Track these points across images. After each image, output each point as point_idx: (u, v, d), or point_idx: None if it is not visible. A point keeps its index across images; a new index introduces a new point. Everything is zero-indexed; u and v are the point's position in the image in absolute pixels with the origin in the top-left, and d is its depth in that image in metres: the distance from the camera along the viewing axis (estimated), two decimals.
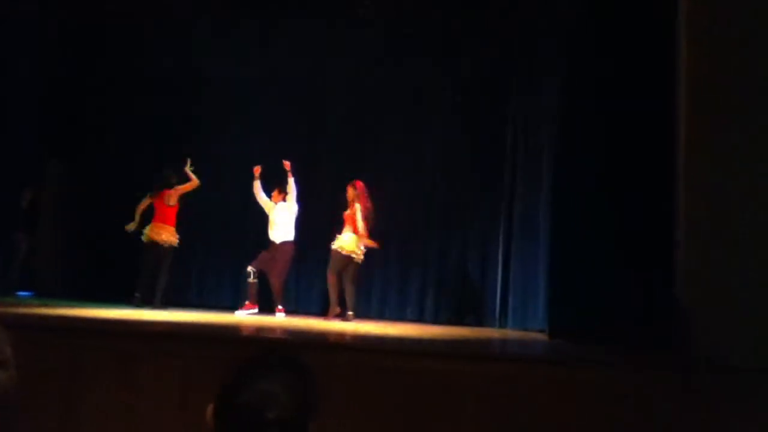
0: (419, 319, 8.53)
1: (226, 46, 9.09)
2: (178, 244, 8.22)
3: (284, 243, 8.10)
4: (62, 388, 3.95)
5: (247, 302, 7.97)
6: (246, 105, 9.19)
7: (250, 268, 7.97)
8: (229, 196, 8.94)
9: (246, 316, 7.75)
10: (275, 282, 8.04)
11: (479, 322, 8.33)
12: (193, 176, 8.22)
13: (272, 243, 8.12)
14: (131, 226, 8.06)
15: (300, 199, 8.19)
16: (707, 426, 3.91)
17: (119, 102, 9.11)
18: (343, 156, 9.02)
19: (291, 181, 8.03)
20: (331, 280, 7.82)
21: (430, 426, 3.91)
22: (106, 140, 9.08)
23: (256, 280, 7.99)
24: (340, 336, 6.02)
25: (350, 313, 7.70)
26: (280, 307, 8.02)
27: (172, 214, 8.18)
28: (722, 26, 4.97)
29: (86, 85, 9.19)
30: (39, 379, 3.69)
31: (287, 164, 7.98)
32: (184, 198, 8.27)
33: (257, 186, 8.20)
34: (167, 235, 8.10)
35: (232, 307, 8.15)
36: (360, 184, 7.94)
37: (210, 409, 1.53)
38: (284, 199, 8.13)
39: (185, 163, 8.23)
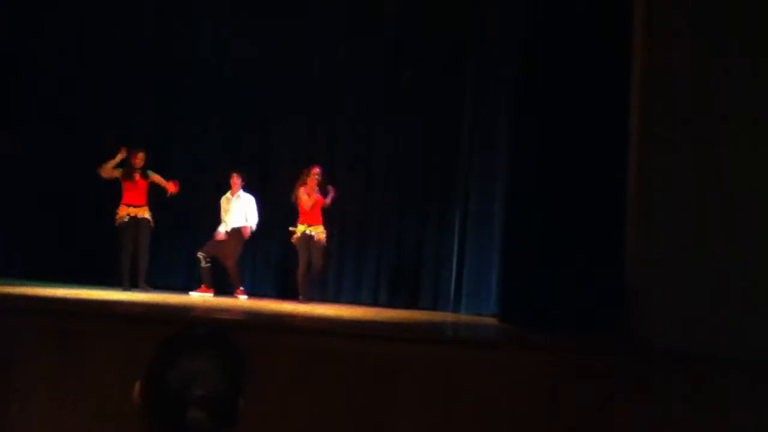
0: (374, 303, 8.52)
1: (180, 24, 9.02)
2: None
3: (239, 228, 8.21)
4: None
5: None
6: (198, 86, 9.03)
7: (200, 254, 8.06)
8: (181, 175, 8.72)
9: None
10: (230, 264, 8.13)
11: (434, 307, 8.35)
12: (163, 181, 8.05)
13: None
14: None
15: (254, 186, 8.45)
16: (653, 410, 3.97)
17: (70, 71, 8.90)
18: (297, 142, 8.94)
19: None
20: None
21: (376, 407, 3.91)
22: (55, 111, 8.84)
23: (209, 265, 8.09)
24: (293, 318, 6.00)
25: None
26: (241, 288, 8.13)
27: (144, 192, 8.02)
28: (677, 18, 5.02)
29: (35, 52, 8.92)
30: None
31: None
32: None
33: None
34: (145, 213, 7.95)
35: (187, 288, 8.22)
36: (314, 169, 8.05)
37: (137, 387, 1.49)
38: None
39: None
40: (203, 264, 8.03)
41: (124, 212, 7.87)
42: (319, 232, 7.98)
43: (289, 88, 9.03)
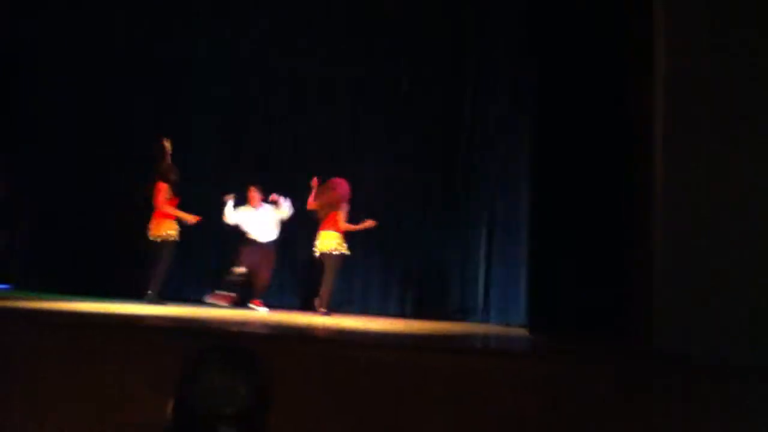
0: (402, 314, 8.46)
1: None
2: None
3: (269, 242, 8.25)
4: (27, 380, 3.90)
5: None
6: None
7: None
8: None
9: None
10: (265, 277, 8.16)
11: (462, 317, 8.26)
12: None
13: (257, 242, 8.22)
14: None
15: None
16: (672, 420, 3.91)
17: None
18: (323, 153, 8.88)
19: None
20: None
21: (403, 419, 3.89)
22: (78, 125, 8.90)
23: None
24: (321, 330, 5.99)
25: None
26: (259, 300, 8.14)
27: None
28: (700, 23, 4.97)
29: (50, 66, 8.99)
30: (3, 372, 3.66)
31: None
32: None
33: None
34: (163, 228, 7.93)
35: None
36: (334, 181, 8.01)
37: (170, 405, 1.50)
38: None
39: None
40: (242, 278, 8.06)
41: (173, 228, 7.88)
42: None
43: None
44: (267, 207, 8.27)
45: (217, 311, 7.44)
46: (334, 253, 7.87)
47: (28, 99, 8.94)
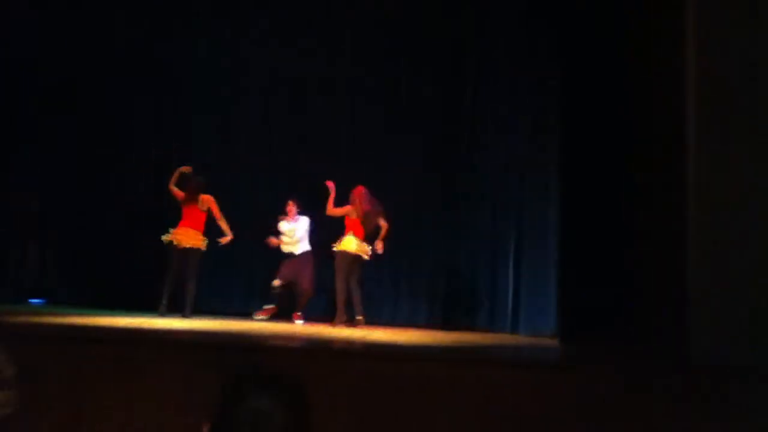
0: (430, 324, 8.34)
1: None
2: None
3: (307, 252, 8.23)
4: (64, 397, 3.92)
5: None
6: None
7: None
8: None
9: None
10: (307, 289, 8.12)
11: (491, 327, 8.14)
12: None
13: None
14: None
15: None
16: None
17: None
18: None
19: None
20: (340, 285, 7.78)
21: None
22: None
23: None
24: (349, 343, 5.86)
25: (360, 317, 7.66)
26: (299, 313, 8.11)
27: (203, 219, 7.92)
28: (731, 27, 4.96)
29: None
30: (40, 390, 3.68)
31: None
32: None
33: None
34: (196, 239, 7.84)
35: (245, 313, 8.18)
36: (357, 189, 7.88)
37: (205, 429, 1.53)
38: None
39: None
40: (278, 290, 8.07)
41: (202, 238, 7.81)
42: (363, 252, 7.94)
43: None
44: (300, 219, 8.22)
45: (247, 325, 7.21)
46: (347, 253, 7.80)
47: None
